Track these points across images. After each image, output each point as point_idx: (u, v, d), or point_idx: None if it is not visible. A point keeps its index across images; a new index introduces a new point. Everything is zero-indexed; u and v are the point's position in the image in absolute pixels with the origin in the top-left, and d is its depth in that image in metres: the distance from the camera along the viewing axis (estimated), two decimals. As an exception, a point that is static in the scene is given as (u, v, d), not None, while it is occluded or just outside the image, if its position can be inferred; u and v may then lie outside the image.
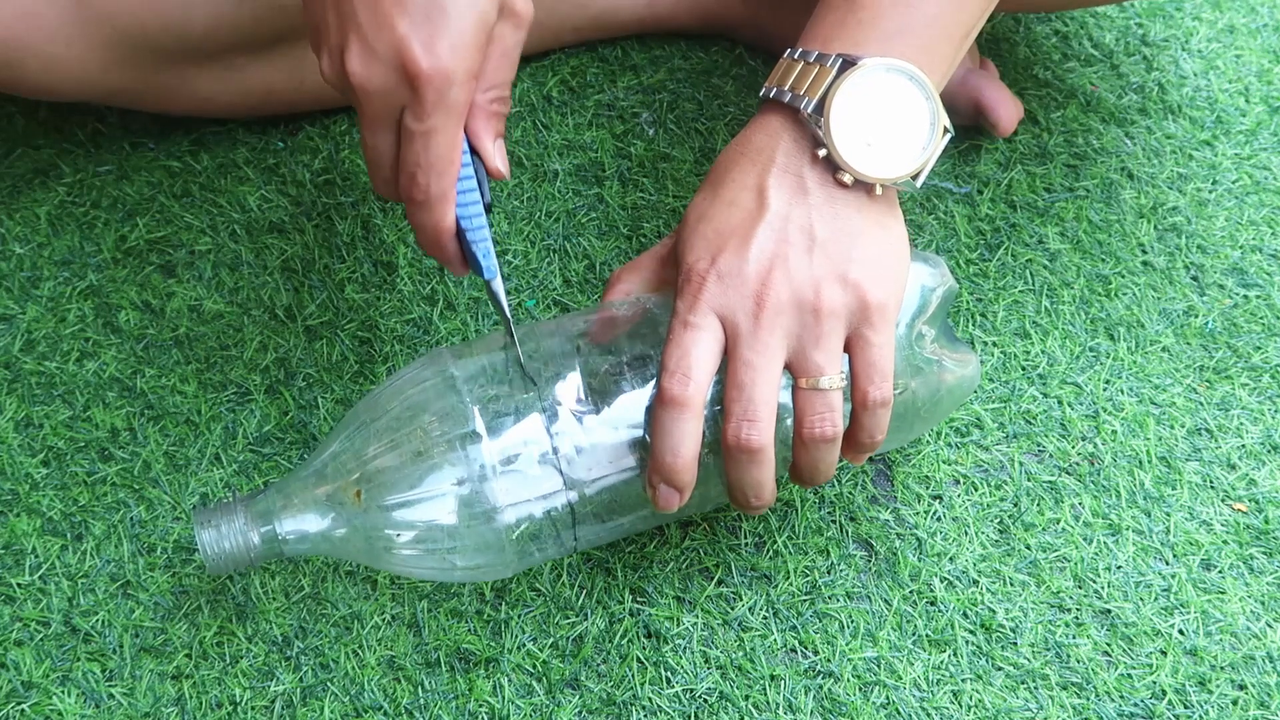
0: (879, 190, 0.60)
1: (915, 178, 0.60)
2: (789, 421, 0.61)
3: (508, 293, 0.79)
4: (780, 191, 0.60)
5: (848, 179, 0.59)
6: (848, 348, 0.59)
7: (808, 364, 0.58)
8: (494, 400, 0.60)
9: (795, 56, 0.62)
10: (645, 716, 0.64)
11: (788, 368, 0.59)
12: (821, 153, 0.59)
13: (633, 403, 0.61)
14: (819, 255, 0.59)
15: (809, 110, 0.60)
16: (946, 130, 0.60)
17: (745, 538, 0.70)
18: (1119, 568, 0.69)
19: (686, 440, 0.58)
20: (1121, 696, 0.65)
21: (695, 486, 0.60)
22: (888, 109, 0.60)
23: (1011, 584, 0.69)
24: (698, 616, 0.67)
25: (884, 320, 0.59)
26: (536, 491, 0.60)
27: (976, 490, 0.72)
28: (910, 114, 0.60)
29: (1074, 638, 0.67)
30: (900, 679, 0.65)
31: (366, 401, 0.62)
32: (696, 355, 0.58)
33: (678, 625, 0.67)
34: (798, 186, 0.60)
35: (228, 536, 0.60)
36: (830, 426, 0.59)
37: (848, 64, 0.59)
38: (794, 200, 0.60)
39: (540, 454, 0.59)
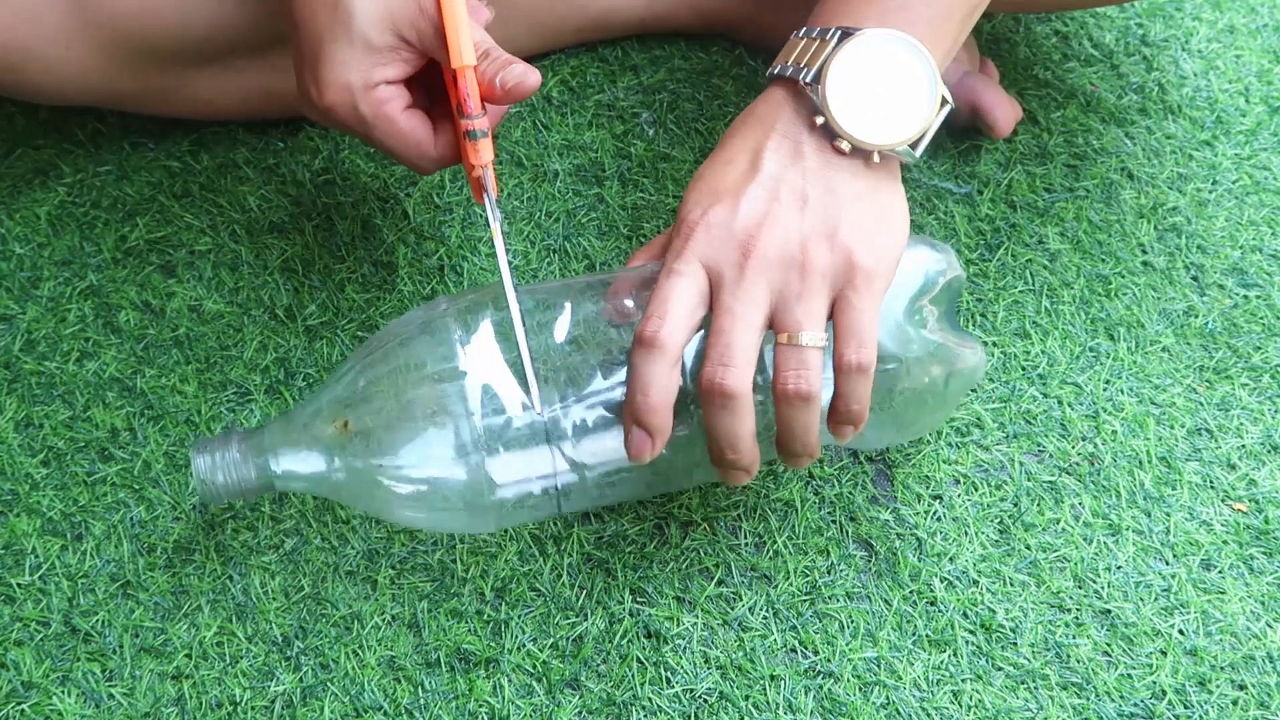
0: (876, 158, 0.61)
1: (914, 146, 0.61)
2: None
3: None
4: (776, 154, 0.61)
5: (845, 146, 0.60)
6: (832, 311, 0.60)
7: (788, 318, 0.59)
8: (483, 342, 0.61)
9: (799, 35, 0.64)
10: (645, 716, 0.64)
11: (770, 325, 0.59)
12: (819, 120, 0.60)
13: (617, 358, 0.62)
14: (809, 214, 0.60)
15: (808, 80, 0.61)
16: (945, 101, 0.61)
17: (745, 538, 0.70)
18: (1119, 568, 0.69)
19: (657, 380, 0.58)
20: (1121, 696, 0.65)
21: (680, 451, 0.60)
22: (885, 78, 0.61)
23: (1011, 584, 0.69)
24: (698, 616, 0.67)
25: (870, 286, 0.59)
26: (528, 445, 0.61)
27: (976, 490, 0.72)
28: (908, 83, 0.61)
29: (1074, 638, 0.67)
30: (900, 679, 0.65)
31: (366, 346, 0.63)
32: (675, 300, 0.59)
33: (678, 625, 0.67)
34: (794, 151, 0.61)
35: (222, 467, 0.61)
36: (805, 384, 0.58)
37: (846, 35, 0.61)
38: (789, 163, 0.61)
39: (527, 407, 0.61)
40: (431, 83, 0.70)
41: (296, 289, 0.80)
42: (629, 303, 0.63)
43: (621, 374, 0.61)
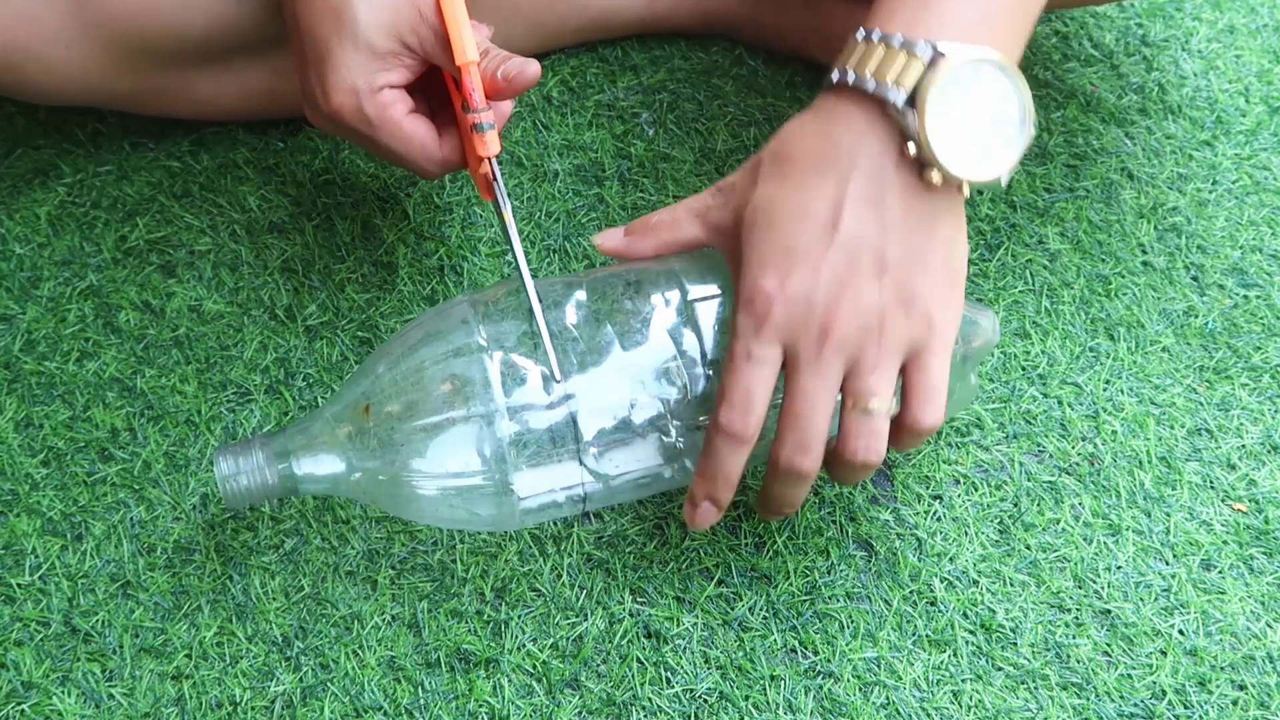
0: (966, 190, 0.58)
1: (999, 177, 0.58)
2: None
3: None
4: (856, 207, 0.57)
5: (936, 178, 0.57)
6: (904, 370, 0.59)
7: (860, 387, 0.58)
8: (511, 344, 0.62)
9: (874, 39, 0.58)
10: (645, 716, 0.64)
11: (840, 389, 0.59)
12: (911, 149, 0.56)
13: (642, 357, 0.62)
14: (888, 282, 0.57)
15: (899, 103, 0.56)
16: (1034, 123, 0.58)
17: (745, 538, 0.70)
18: (1119, 568, 0.69)
19: (738, 469, 0.60)
20: (1121, 697, 0.65)
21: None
22: (979, 102, 0.57)
23: (1011, 584, 0.69)
24: (698, 616, 0.67)
25: (944, 345, 0.59)
26: (543, 425, 0.61)
27: (976, 490, 0.72)
28: (1002, 107, 0.57)
29: (1074, 638, 0.67)
30: (900, 679, 0.65)
31: (387, 346, 0.64)
32: (758, 393, 0.58)
33: (678, 625, 0.67)
34: (876, 198, 0.57)
35: (245, 471, 0.61)
36: (874, 454, 0.59)
37: (940, 53, 0.56)
38: (869, 216, 0.57)
39: (549, 391, 0.61)
40: (431, 90, 0.71)
41: (296, 289, 0.80)
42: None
43: (639, 343, 0.62)
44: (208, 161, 0.86)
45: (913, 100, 0.56)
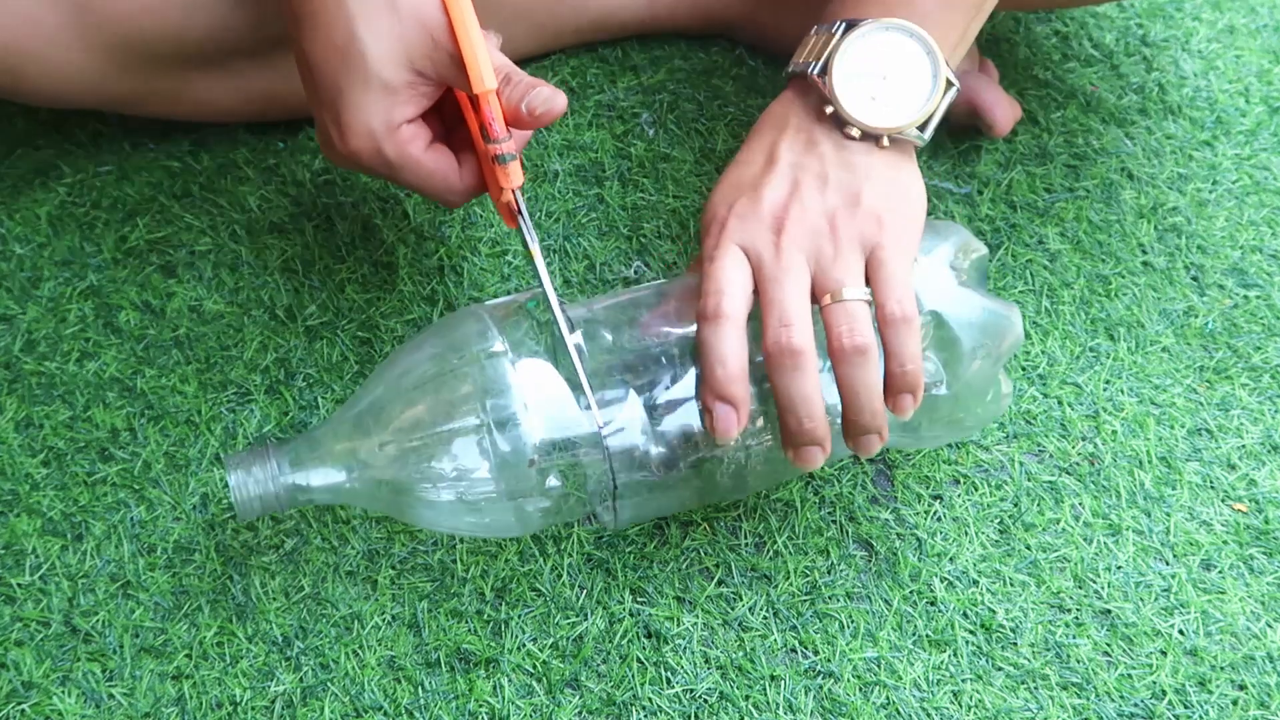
0: (886, 141, 0.63)
1: (922, 129, 0.64)
2: (833, 417, 0.61)
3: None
4: (791, 148, 0.64)
5: (855, 132, 0.63)
6: (866, 272, 0.61)
7: (828, 281, 0.61)
8: (523, 345, 0.62)
9: (811, 33, 0.67)
10: (645, 716, 0.64)
11: (812, 295, 0.61)
12: (829, 109, 0.63)
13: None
14: (831, 190, 0.62)
15: (815, 73, 0.64)
16: (950, 83, 0.63)
17: (745, 538, 0.70)
18: (1119, 568, 0.69)
19: (732, 349, 0.59)
20: (1121, 697, 0.65)
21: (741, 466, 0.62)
22: (889, 65, 0.63)
23: (1011, 584, 0.69)
24: (698, 616, 0.67)
25: (898, 243, 0.62)
26: (568, 433, 0.61)
27: (976, 490, 0.72)
28: (911, 68, 0.63)
29: (1074, 638, 0.67)
30: (900, 679, 0.65)
31: (398, 353, 0.64)
32: (726, 276, 0.61)
33: (678, 625, 0.67)
34: (809, 142, 0.64)
35: (258, 481, 0.61)
36: (859, 336, 0.59)
37: (850, 26, 0.64)
38: (805, 153, 0.63)
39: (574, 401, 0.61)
40: (444, 108, 0.69)
41: (296, 289, 0.80)
42: (665, 328, 0.64)
43: (657, 361, 0.62)
44: (208, 161, 0.86)
45: (826, 68, 0.63)
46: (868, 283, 0.61)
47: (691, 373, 0.62)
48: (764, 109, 0.67)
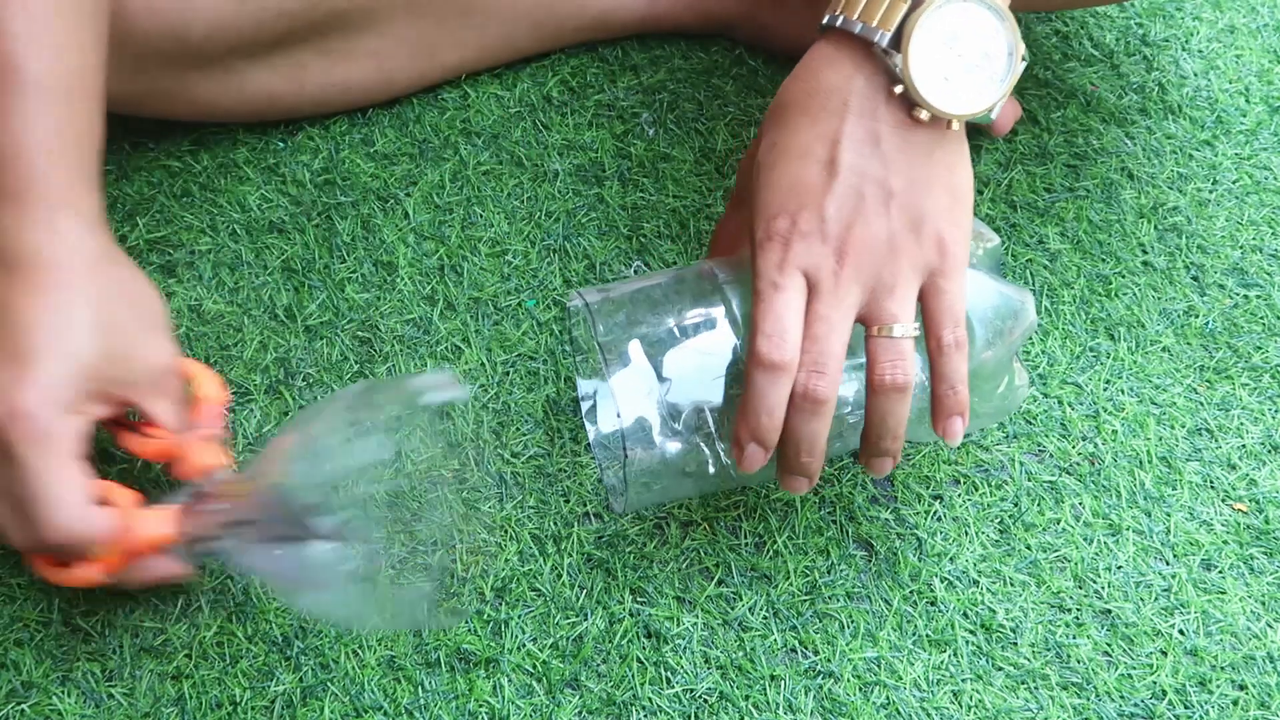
0: (955, 125, 0.60)
1: (990, 110, 0.60)
2: (844, 412, 0.61)
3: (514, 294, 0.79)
4: (853, 143, 0.59)
5: (924, 115, 0.59)
6: (922, 296, 0.60)
7: (881, 313, 0.59)
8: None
9: None
10: (645, 716, 0.64)
11: (861, 319, 0.60)
12: (898, 89, 0.58)
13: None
14: (895, 209, 0.59)
15: (884, 44, 0.58)
16: (1024, 58, 0.59)
17: (745, 538, 0.70)
18: (1119, 568, 0.69)
19: (781, 401, 0.59)
20: (1122, 696, 0.65)
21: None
22: (965, 40, 0.59)
23: (1011, 584, 0.69)
24: (698, 616, 0.67)
25: (956, 269, 0.60)
26: None
27: (976, 490, 0.72)
28: (989, 44, 0.59)
29: (1074, 638, 0.67)
30: (900, 679, 0.65)
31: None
32: (789, 319, 0.59)
33: (678, 625, 0.67)
34: (870, 135, 0.59)
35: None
36: (902, 375, 0.59)
37: None
38: (867, 152, 0.59)
39: None
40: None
41: (296, 289, 0.80)
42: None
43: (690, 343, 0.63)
44: (208, 161, 0.86)
45: (898, 41, 0.58)
46: (920, 299, 0.60)
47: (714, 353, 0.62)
48: (808, 67, 0.61)
